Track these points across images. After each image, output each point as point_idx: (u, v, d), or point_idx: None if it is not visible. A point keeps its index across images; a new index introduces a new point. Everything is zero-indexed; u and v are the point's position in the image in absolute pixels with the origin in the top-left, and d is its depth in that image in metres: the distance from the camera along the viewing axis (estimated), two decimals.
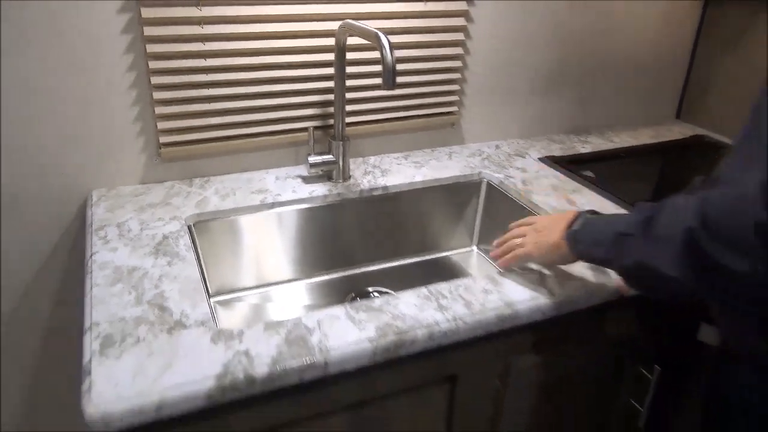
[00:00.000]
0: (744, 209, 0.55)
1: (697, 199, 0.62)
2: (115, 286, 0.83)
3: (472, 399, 0.91)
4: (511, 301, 0.84)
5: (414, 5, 1.18)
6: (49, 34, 0.96)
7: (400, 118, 1.29)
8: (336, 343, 0.74)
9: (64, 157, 1.05)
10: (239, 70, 1.10)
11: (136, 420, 0.65)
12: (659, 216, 0.67)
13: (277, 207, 1.11)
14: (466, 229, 1.29)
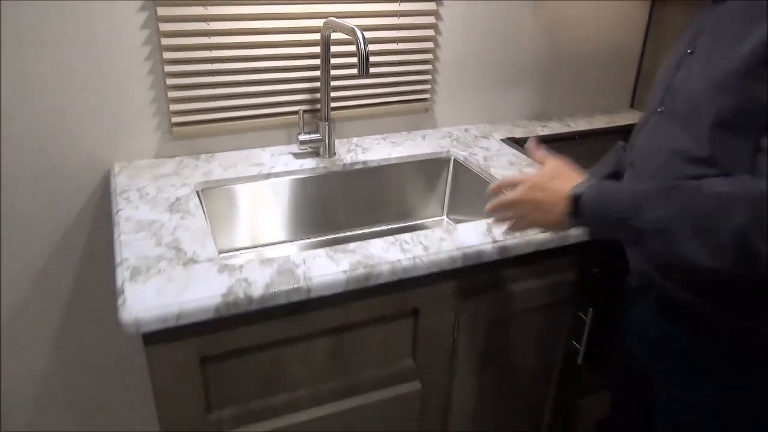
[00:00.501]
0: None
1: (746, 195, 0.66)
2: (139, 234, 1.03)
3: (433, 330, 1.10)
4: (460, 246, 1.03)
5: (389, 5, 1.38)
6: (80, 26, 1.15)
7: (379, 103, 1.48)
8: (316, 273, 0.93)
9: (90, 132, 1.24)
10: (239, 61, 1.29)
11: (160, 326, 0.84)
12: (697, 205, 0.69)
13: (272, 177, 1.30)
14: (437, 200, 1.49)
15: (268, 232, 1.34)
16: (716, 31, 0.79)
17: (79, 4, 1.13)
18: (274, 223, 1.35)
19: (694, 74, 0.80)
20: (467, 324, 1.12)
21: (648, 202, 0.73)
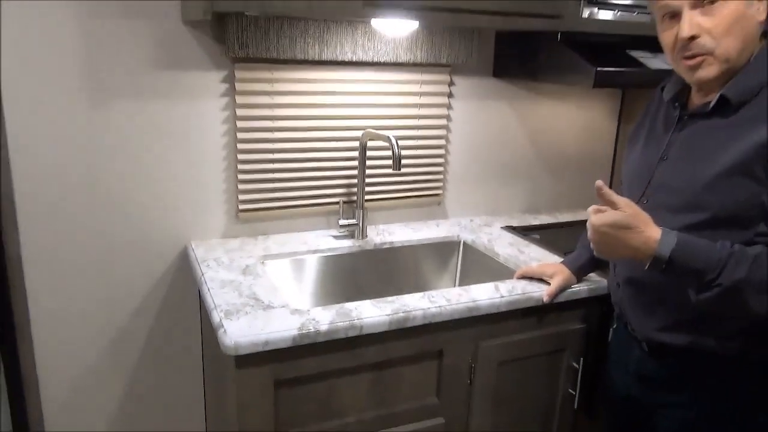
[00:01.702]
0: None
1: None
2: (224, 289, 1.31)
3: (454, 370, 1.35)
4: (474, 299, 1.32)
5: (409, 121, 1.76)
6: (180, 120, 1.51)
7: (403, 197, 1.82)
8: (366, 315, 1.21)
9: (175, 214, 1.56)
10: (293, 162, 1.64)
11: (251, 350, 1.11)
12: (761, 271, 0.91)
13: (317, 253, 1.61)
14: (450, 275, 1.78)
15: (312, 296, 1.63)
16: (690, 144, 1.05)
17: (180, 102, 1.49)
18: (317, 289, 1.63)
19: (679, 176, 1.05)
20: (482, 365, 1.37)
21: (729, 265, 0.93)
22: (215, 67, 1.51)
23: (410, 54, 1.66)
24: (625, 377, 1.23)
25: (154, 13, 1.42)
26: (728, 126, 1.01)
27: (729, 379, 1.08)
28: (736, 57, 0.99)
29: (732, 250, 0.94)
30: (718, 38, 0.97)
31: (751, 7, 0.98)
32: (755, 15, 0.98)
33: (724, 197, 0.99)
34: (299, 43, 1.53)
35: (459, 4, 1.36)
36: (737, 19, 0.97)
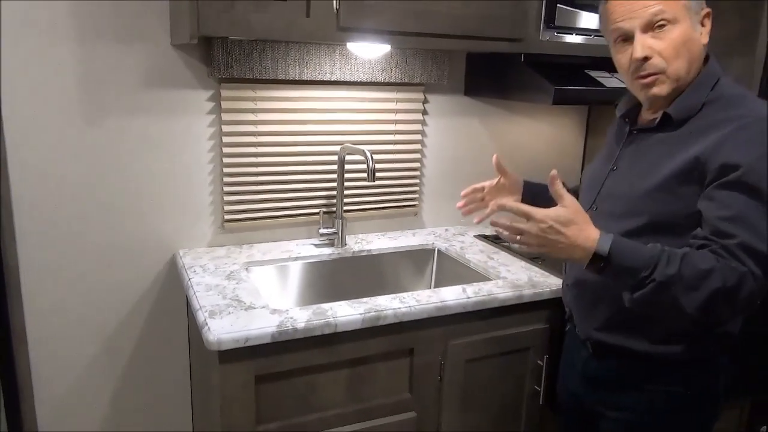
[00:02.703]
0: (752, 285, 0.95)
1: (723, 267, 0.95)
2: (209, 292, 1.41)
3: (424, 366, 1.44)
4: (443, 300, 1.42)
5: (385, 137, 1.87)
6: (170, 135, 1.61)
7: (380, 208, 1.93)
8: (341, 314, 1.31)
9: (164, 224, 1.66)
10: (275, 174, 1.74)
11: (233, 346, 1.20)
12: (690, 270, 0.96)
13: (299, 260, 1.71)
14: (425, 280, 1.88)
15: (294, 299, 1.72)
16: (636, 156, 1.15)
17: (169, 119, 1.60)
18: (299, 293, 1.73)
19: (623, 185, 1.15)
20: (451, 363, 1.47)
21: (660, 262, 0.98)
22: (202, 87, 1.62)
23: (385, 74, 1.78)
24: (573, 377, 1.32)
25: (146, 36, 1.53)
26: (669, 140, 1.11)
27: (664, 381, 1.16)
28: (685, 76, 1.09)
29: (663, 248, 1.01)
30: (668, 59, 1.06)
31: (695, 31, 1.07)
32: (700, 38, 1.08)
33: (660, 205, 1.09)
34: (281, 64, 1.64)
35: (426, 28, 1.48)
36: (684, 42, 1.06)
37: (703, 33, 1.09)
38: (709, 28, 1.09)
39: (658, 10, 1.04)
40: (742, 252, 0.97)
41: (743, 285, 0.96)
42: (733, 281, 0.96)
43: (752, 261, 0.97)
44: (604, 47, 1.69)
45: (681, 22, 1.05)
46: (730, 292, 0.96)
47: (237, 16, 1.30)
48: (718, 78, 1.10)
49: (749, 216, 0.98)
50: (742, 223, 0.98)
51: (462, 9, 1.50)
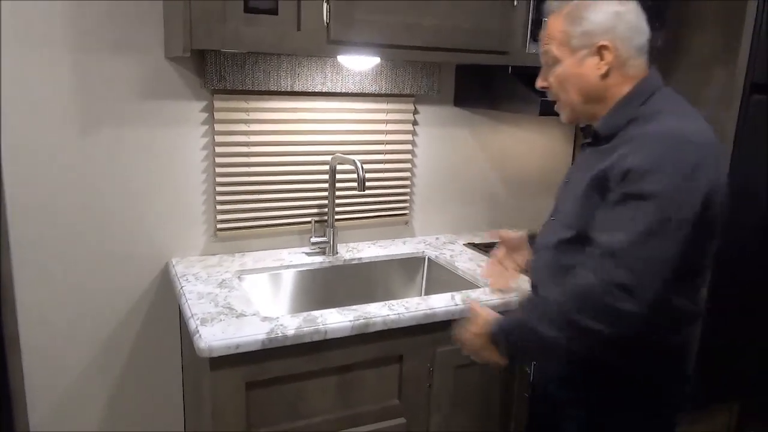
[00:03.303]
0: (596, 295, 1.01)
1: (572, 291, 1.04)
2: (201, 300, 1.43)
3: (413, 373, 1.47)
4: (432, 307, 1.44)
5: (376, 146, 1.90)
6: (166, 144, 1.64)
7: (371, 217, 1.96)
8: (331, 321, 1.33)
9: (158, 233, 1.68)
10: (268, 184, 1.77)
11: (224, 353, 1.23)
12: (544, 310, 1.08)
13: (291, 269, 1.73)
14: (416, 287, 1.91)
15: (285, 307, 1.74)
16: (578, 169, 1.24)
17: (163, 129, 1.63)
18: (290, 301, 1.75)
19: (567, 197, 1.23)
20: (439, 369, 1.49)
21: (524, 321, 1.12)
22: (195, 98, 1.65)
23: (376, 85, 1.81)
24: (544, 378, 1.36)
25: (140, 48, 1.56)
26: (595, 155, 1.16)
27: (607, 378, 1.18)
28: (580, 105, 1.17)
29: (525, 309, 1.15)
30: (556, 91, 1.19)
31: (582, 66, 1.13)
32: (592, 71, 1.13)
33: (581, 218, 1.14)
34: (273, 76, 1.68)
35: (415, 41, 1.52)
36: (567, 78, 1.15)
37: (599, 65, 1.12)
38: (609, 58, 1.12)
39: (543, 52, 1.19)
40: (601, 259, 1.03)
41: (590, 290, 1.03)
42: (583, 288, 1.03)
43: (605, 268, 1.02)
44: None
45: (563, 60, 1.15)
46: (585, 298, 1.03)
47: (229, 30, 1.33)
48: (652, 93, 1.14)
49: (626, 226, 1.02)
50: (615, 232, 1.03)
51: (451, 22, 1.54)
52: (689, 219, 1.01)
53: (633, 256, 1.00)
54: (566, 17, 1.13)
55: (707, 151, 1.04)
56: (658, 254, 1.00)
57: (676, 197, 1.00)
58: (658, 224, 1.00)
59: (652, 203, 1.00)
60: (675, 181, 1.00)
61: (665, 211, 1.00)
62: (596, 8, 1.11)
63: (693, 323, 1.18)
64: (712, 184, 1.03)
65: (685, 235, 1.01)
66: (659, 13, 1.78)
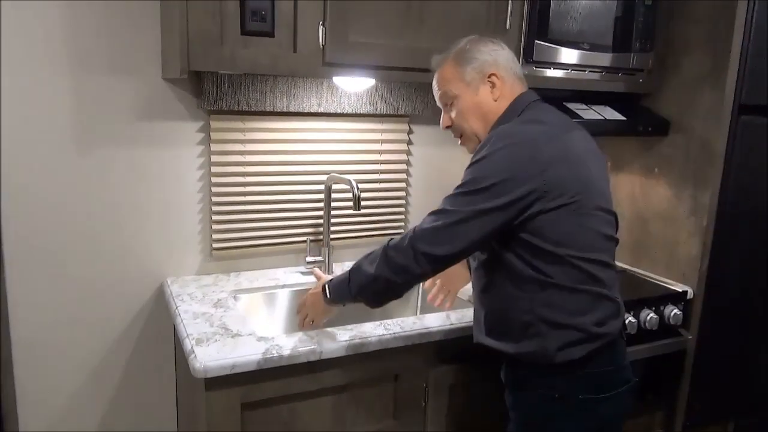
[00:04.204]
0: (408, 238, 1.19)
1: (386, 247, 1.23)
2: (196, 320, 1.43)
3: (409, 393, 1.47)
4: (427, 326, 1.45)
5: (371, 166, 1.91)
6: (157, 165, 1.64)
7: (366, 236, 1.96)
8: (326, 341, 1.33)
9: (152, 253, 1.68)
10: (263, 204, 1.78)
11: (219, 373, 1.22)
12: (370, 253, 1.27)
13: (286, 288, 1.73)
14: (412, 306, 1.91)
15: (281, 326, 1.74)
16: None
17: (160, 150, 1.64)
18: (286, 320, 1.75)
19: None
20: (434, 389, 1.49)
21: (353, 269, 1.28)
22: (192, 118, 1.66)
23: (370, 106, 1.83)
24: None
25: (138, 70, 1.58)
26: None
27: (537, 383, 1.24)
28: (482, 128, 1.30)
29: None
30: (461, 123, 1.32)
31: (477, 94, 1.29)
32: (487, 98, 1.29)
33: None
34: (269, 97, 1.69)
35: (409, 63, 1.54)
36: (469, 109, 1.30)
37: (494, 90, 1.29)
38: (499, 84, 1.29)
39: (441, 95, 1.35)
40: (405, 233, 1.23)
41: (387, 257, 1.22)
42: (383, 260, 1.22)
43: (408, 237, 1.21)
44: (580, 81, 1.78)
45: (462, 95, 1.30)
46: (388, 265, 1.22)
47: (226, 52, 1.35)
48: (523, 109, 1.28)
49: (439, 208, 1.22)
50: (430, 213, 1.22)
51: (444, 44, 1.56)
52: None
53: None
54: (454, 61, 1.31)
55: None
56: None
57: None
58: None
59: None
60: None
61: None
62: (478, 49, 1.30)
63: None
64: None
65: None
66: (648, 35, 1.82)
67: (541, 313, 1.20)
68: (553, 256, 1.18)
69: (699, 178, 1.80)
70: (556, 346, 1.20)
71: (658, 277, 1.92)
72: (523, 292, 1.21)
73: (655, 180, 1.94)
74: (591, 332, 1.20)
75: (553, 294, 1.19)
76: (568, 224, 1.18)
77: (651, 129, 1.87)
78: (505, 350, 1.26)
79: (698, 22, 1.78)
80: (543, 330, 1.20)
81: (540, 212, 1.16)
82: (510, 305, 1.23)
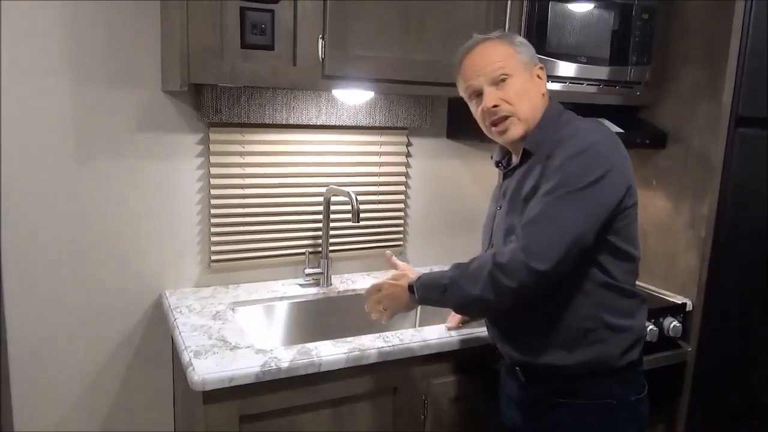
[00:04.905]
0: (519, 259, 1.11)
1: (491, 254, 1.16)
2: (194, 332, 1.42)
3: (408, 405, 1.46)
4: (426, 339, 1.44)
5: (370, 178, 1.92)
6: (157, 178, 1.65)
7: (365, 248, 1.96)
8: (325, 353, 1.33)
9: (150, 265, 1.68)
10: (262, 216, 1.78)
11: (217, 386, 1.22)
12: (471, 264, 1.19)
13: (284, 300, 1.73)
14: (410, 319, 1.91)
15: (279, 338, 1.73)
16: (512, 192, 1.27)
17: (159, 162, 1.64)
18: (284, 332, 1.74)
19: (504, 218, 1.27)
20: (434, 401, 1.48)
21: (445, 273, 1.23)
22: (191, 131, 1.67)
23: (369, 118, 1.84)
24: (509, 408, 1.36)
25: (138, 82, 1.58)
26: (527, 170, 1.25)
27: (587, 394, 1.22)
28: (530, 116, 1.24)
29: (450, 268, 1.24)
30: (513, 104, 1.23)
31: (532, 80, 1.25)
32: (536, 86, 1.26)
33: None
34: (268, 109, 1.70)
35: (408, 76, 1.55)
36: (524, 89, 1.24)
37: (540, 84, 1.27)
38: (544, 80, 1.27)
39: (498, 67, 1.23)
40: (512, 253, 1.13)
41: (494, 281, 1.13)
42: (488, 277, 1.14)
43: (519, 257, 1.12)
44: (578, 94, 1.79)
45: (517, 75, 1.23)
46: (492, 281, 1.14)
47: (226, 65, 1.36)
48: (560, 114, 1.27)
49: (541, 217, 1.13)
50: (530, 226, 1.14)
51: (442, 57, 1.57)
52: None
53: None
54: (509, 42, 1.25)
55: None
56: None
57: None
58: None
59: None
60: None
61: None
62: (522, 40, 1.28)
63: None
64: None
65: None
66: (645, 48, 1.83)
67: (604, 318, 1.19)
68: (626, 256, 1.20)
69: (697, 190, 1.80)
70: (620, 350, 1.21)
71: (657, 289, 1.93)
72: (588, 298, 1.19)
73: (653, 192, 1.94)
74: (641, 334, 1.25)
75: (615, 297, 1.20)
76: (634, 224, 1.21)
77: (649, 141, 1.88)
78: (551, 363, 1.22)
79: (694, 35, 1.79)
80: (605, 335, 1.20)
81: (625, 208, 1.18)
82: (566, 314, 1.20)
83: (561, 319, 1.20)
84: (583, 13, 1.72)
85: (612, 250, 1.18)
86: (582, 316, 1.19)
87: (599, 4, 1.74)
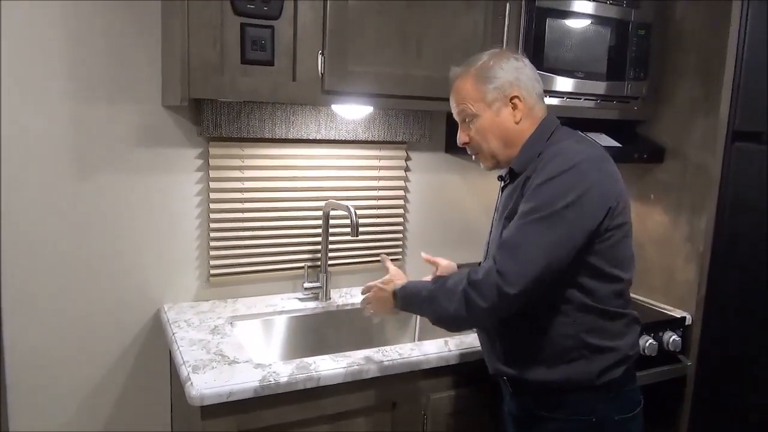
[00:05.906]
0: (491, 280, 1.12)
1: (468, 271, 1.18)
2: (193, 347, 1.42)
3: (407, 420, 1.45)
4: (425, 353, 1.44)
5: (369, 192, 1.92)
6: (157, 193, 1.65)
7: (364, 262, 1.96)
8: (324, 368, 1.32)
9: (149, 280, 1.68)
10: (260, 230, 1.78)
11: (216, 401, 1.21)
12: (449, 280, 1.22)
13: (283, 314, 1.73)
14: (410, 332, 1.90)
15: (278, 353, 1.73)
16: (501, 206, 1.31)
17: (158, 176, 1.65)
18: (283, 347, 1.73)
19: (495, 231, 1.31)
20: (433, 416, 1.47)
21: (426, 286, 1.26)
22: (191, 145, 1.68)
23: (368, 133, 1.85)
24: (505, 418, 1.37)
25: (138, 98, 1.60)
26: (513, 189, 1.27)
27: (570, 410, 1.23)
28: (501, 150, 1.28)
29: (431, 282, 1.27)
30: (480, 142, 1.29)
31: (498, 116, 1.26)
32: (508, 120, 1.26)
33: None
34: (268, 124, 1.71)
35: (407, 91, 1.56)
36: (490, 128, 1.27)
37: (515, 113, 1.26)
38: (521, 106, 1.26)
39: (460, 111, 1.30)
40: (486, 272, 1.15)
41: (467, 298, 1.15)
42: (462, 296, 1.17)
43: (492, 278, 1.13)
44: (576, 109, 1.80)
45: (483, 113, 1.26)
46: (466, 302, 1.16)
47: (226, 80, 1.37)
48: (554, 130, 1.27)
49: (513, 241, 1.14)
50: (503, 248, 1.15)
51: (440, 73, 1.58)
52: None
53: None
54: (475, 78, 1.26)
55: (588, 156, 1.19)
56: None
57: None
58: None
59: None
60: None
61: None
62: (500, 67, 1.25)
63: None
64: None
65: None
66: (642, 63, 1.85)
67: (585, 339, 1.20)
68: (610, 278, 1.19)
69: (695, 204, 1.81)
70: (598, 369, 1.20)
71: (656, 303, 1.92)
72: (567, 317, 1.19)
73: (651, 206, 1.95)
74: (627, 354, 1.23)
75: (596, 319, 1.20)
76: (622, 244, 1.20)
77: (646, 156, 1.89)
78: (533, 378, 1.23)
79: (690, 50, 1.81)
80: (585, 353, 1.20)
81: (607, 230, 1.16)
82: (546, 332, 1.21)
83: (541, 337, 1.21)
84: (580, 29, 1.74)
85: (593, 272, 1.18)
86: (561, 335, 1.20)
87: (596, 20, 1.76)
